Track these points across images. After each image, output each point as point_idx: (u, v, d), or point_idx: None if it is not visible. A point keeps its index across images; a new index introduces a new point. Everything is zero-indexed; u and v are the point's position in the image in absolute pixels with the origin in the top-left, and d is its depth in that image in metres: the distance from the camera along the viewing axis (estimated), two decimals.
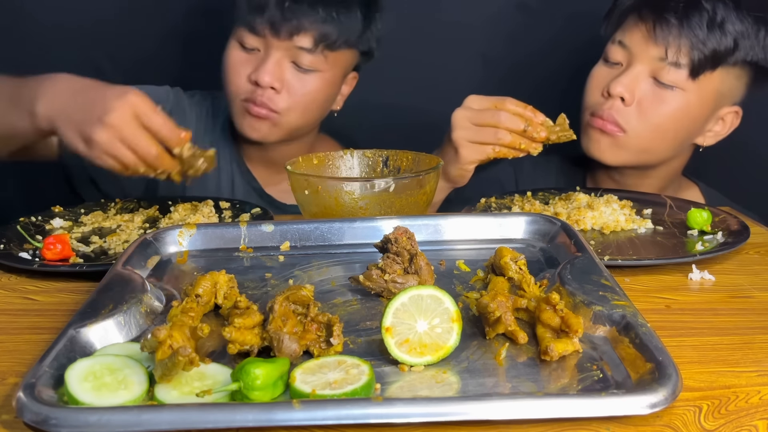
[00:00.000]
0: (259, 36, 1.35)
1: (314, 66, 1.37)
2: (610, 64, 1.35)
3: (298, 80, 1.37)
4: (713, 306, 0.88)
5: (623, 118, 1.32)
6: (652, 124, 1.32)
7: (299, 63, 1.36)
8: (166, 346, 0.63)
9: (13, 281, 0.98)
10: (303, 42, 1.34)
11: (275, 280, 0.89)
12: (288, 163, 1.09)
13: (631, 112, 1.31)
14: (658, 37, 1.27)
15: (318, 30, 1.33)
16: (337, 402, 0.59)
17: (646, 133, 1.33)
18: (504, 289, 0.80)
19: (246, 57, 1.38)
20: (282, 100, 1.37)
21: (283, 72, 1.36)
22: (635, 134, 1.33)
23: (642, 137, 1.33)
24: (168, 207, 1.25)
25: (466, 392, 0.64)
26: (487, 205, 1.25)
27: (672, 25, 1.27)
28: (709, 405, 0.65)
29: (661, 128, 1.33)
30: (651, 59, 1.30)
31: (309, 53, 1.35)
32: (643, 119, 1.31)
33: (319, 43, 1.34)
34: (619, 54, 1.34)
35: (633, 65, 1.31)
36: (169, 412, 0.58)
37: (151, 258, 0.93)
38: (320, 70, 1.38)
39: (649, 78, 1.31)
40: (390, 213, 1.03)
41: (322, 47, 1.35)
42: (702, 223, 1.11)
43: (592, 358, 0.69)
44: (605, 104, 1.33)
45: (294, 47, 1.34)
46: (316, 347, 0.71)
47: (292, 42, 1.34)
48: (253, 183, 1.53)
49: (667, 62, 1.28)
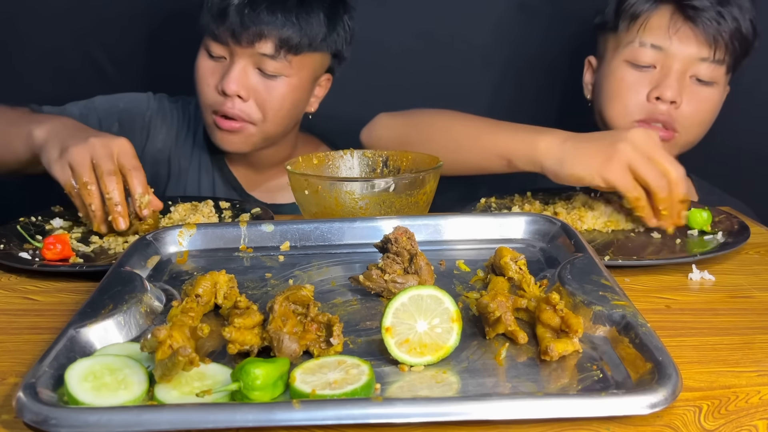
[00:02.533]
0: (223, 44, 1.36)
1: (279, 71, 1.37)
2: (640, 68, 1.34)
3: (264, 87, 1.37)
4: (713, 306, 0.88)
5: (677, 121, 1.34)
6: (699, 119, 1.35)
7: (264, 69, 1.36)
8: (166, 346, 0.63)
9: (13, 281, 0.98)
10: (265, 48, 1.34)
11: (275, 280, 0.89)
12: (288, 163, 1.09)
13: (682, 112, 1.33)
14: (708, 37, 1.29)
15: (279, 35, 1.33)
16: (337, 402, 0.59)
17: (694, 129, 1.36)
18: (504, 289, 0.80)
19: (213, 66, 1.39)
20: (250, 109, 1.38)
21: (248, 79, 1.36)
22: (686, 132, 1.35)
23: (691, 134, 1.37)
24: (168, 207, 1.25)
25: (466, 392, 0.64)
26: (487, 205, 1.25)
27: (717, 23, 1.28)
28: (709, 405, 0.65)
29: (705, 122, 1.37)
30: (691, 60, 1.31)
31: (272, 59, 1.35)
32: (692, 117, 1.34)
33: (281, 48, 1.34)
34: (652, 57, 1.33)
35: (672, 67, 1.32)
36: (169, 412, 0.58)
37: (151, 258, 0.93)
38: (286, 75, 1.38)
39: (689, 77, 1.33)
40: (390, 213, 1.03)
41: (285, 52, 1.35)
42: (702, 223, 1.11)
43: (592, 358, 0.69)
44: (656, 110, 1.33)
45: (257, 54, 1.34)
46: (316, 347, 0.71)
47: (254, 49, 1.34)
48: (234, 184, 1.54)
49: (710, 61, 1.30)
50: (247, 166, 1.55)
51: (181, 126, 1.56)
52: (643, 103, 1.34)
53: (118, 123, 1.51)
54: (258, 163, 1.54)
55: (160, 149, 1.54)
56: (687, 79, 1.32)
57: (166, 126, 1.55)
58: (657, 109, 1.33)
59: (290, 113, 1.44)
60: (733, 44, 1.29)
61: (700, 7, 1.28)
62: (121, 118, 1.52)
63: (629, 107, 1.36)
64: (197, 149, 1.55)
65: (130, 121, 1.52)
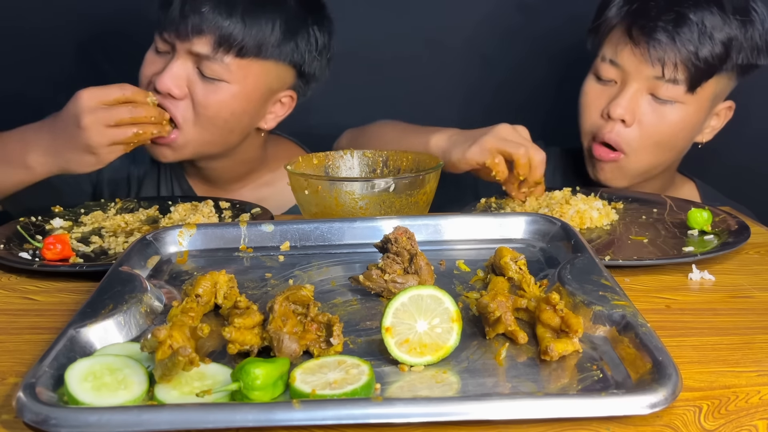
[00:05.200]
0: (165, 39, 1.26)
1: (218, 75, 1.25)
2: (603, 82, 1.35)
3: (202, 89, 1.26)
4: (713, 306, 0.88)
5: (624, 141, 1.32)
6: (653, 140, 1.32)
7: (203, 70, 1.25)
8: (166, 346, 0.63)
9: (13, 281, 0.98)
10: (202, 46, 1.23)
11: (275, 280, 0.89)
12: (288, 163, 1.09)
13: (633, 132, 1.32)
14: (653, 58, 1.26)
15: (217, 32, 1.22)
16: (337, 402, 0.59)
17: (645, 150, 1.33)
18: (504, 289, 0.80)
19: (154, 58, 1.29)
20: (185, 110, 1.27)
21: (185, 79, 1.26)
22: (636, 155, 1.33)
23: (643, 156, 1.34)
24: (168, 207, 1.25)
25: (466, 392, 0.64)
26: (487, 205, 1.25)
27: (665, 44, 1.25)
28: (709, 405, 0.65)
29: (663, 144, 1.34)
30: (646, 78, 1.29)
31: (211, 60, 1.24)
32: (643, 137, 1.32)
33: (219, 47, 1.23)
34: (612, 72, 1.33)
35: (628, 84, 1.31)
36: (169, 412, 0.58)
37: (151, 258, 0.93)
38: (226, 81, 1.26)
39: (647, 95, 1.31)
40: (390, 213, 1.03)
41: (223, 53, 1.23)
42: (702, 223, 1.11)
43: (592, 358, 0.69)
44: (606, 127, 1.32)
45: (195, 52, 1.24)
46: (316, 347, 0.71)
47: (192, 44, 1.23)
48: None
49: (664, 80, 1.28)
50: (204, 180, 1.46)
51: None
52: (597, 120, 1.34)
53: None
54: (215, 178, 1.45)
55: (117, 168, 1.44)
56: (644, 96, 1.31)
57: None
58: (606, 127, 1.32)
59: (230, 124, 1.31)
60: (689, 65, 1.25)
61: (646, 27, 1.26)
62: None
63: (587, 124, 1.36)
64: (155, 162, 1.46)
65: None
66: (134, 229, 1.16)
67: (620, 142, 1.32)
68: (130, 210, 1.26)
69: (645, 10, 1.28)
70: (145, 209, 1.25)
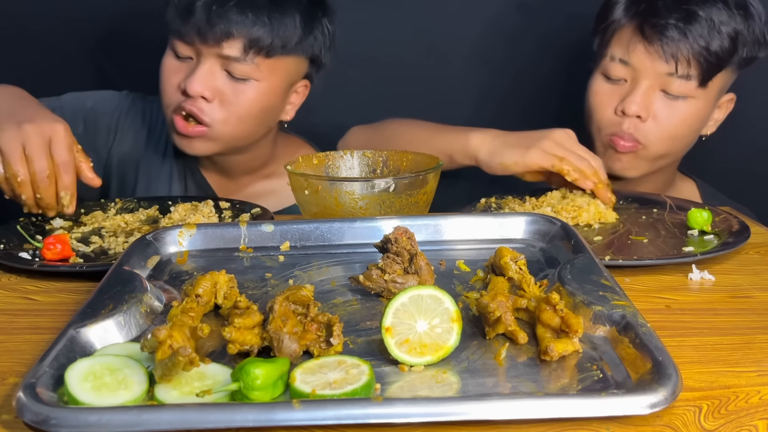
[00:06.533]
0: (188, 44, 1.29)
1: (248, 75, 1.29)
2: (613, 81, 1.36)
3: (231, 90, 1.30)
4: (713, 306, 0.88)
5: (641, 134, 1.34)
6: (668, 133, 1.35)
7: (232, 72, 1.29)
8: (166, 346, 0.63)
9: (13, 281, 0.98)
10: (232, 49, 1.27)
11: (275, 280, 0.89)
12: (288, 163, 1.09)
13: (648, 126, 1.34)
14: (666, 54, 1.28)
15: (248, 35, 1.26)
16: (337, 402, 0.59)
17: (662, 142, 1.36)
18: (504, 289, 0.80)
19: (178, 65, 1.32)
20: (214, 111, 1.30)
21: (215, 81, 1.29)
22: (653, 145, 1.35)
23: (659, 146, 1.36)
24: (168, 207, 1.25)
25: (466, 392, 0.64)
26: (487, 205, 1.25)
27: (677, 41, 1.27)
28: (709, 405, 0.65)
29: (677, 135, 1.36)
30: (659, 75, 1.31)
31: (241, 61, 1.27)
32: (659, 131, 1.34)
33: (249, 49, 1.27)
34: (622, 71, 1.34)
35: (640, 81, 1.32)
36: (169, 412, 0.58)
37: (151, 258, 0.93)
38: (255, 79, 1.30)
39: (659, 92, 1.33)
40: (390, 213, 1.03)
41: (254, 54, 1.27)
42: (702, 223, 1.11)
43: (592, 358, 0.69)
44: (623, 124, 1.34)
45: (224, 55, 1.27)
46: (316, 347, 0.71)
47: (221, 49, 1.27)
48: (208, 191, 1.48)
49: (677, 76, 1.30)
50: (219, 172, 1.48)
51: (154, 127, 1.49)
52: (612, 117, 1.36)
53: (83, 123, 1.46)
54: (231, 170, 1.47)
55: (127, 152, 1.48)
56: (656, 93, 1.32)
57: (135, 127, 1.49)
58: (623, 123, 1.34)
59: (259, 120, 1.36)
60: (701, 60, 1.28)
61: (658, 25, 1.28)
62: (87, 117, 1.46)
63: (602, 121, 1.37)
64: (169, 153, 1.48)
65: (96, 121, 1.47)
66: (134, 229, 1.16)
67: (638, 136, 1.34)
68: (130, 210, 1.26)
69: (654, 9, 1.30)
70: (145, 209, 1.26)
